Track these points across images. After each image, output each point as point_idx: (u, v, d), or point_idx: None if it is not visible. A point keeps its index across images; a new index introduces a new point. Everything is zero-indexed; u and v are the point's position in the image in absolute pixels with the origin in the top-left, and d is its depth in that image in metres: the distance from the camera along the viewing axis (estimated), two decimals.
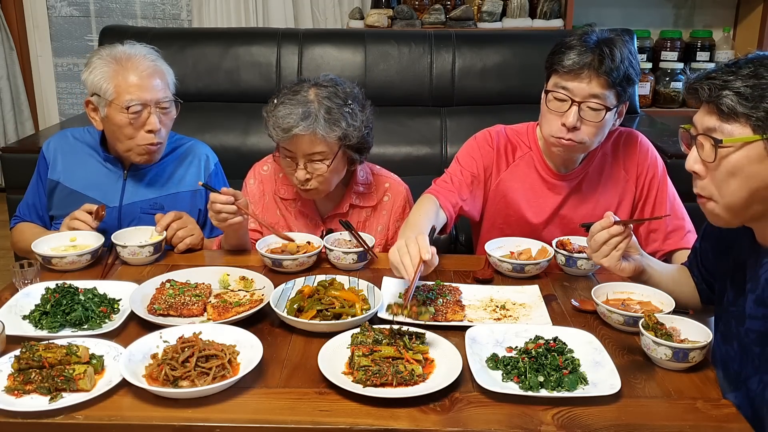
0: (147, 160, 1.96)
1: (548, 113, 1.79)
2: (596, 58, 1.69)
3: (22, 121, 4.71)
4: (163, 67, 1.97)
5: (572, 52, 1.71)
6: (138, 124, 1.89)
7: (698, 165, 1.28)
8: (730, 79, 1.21)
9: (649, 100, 3.96)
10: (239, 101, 2.85)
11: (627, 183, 1.93)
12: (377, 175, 2.04)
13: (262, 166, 2.04)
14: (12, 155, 2.62)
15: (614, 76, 1.69)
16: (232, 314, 1.45)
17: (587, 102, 1.72)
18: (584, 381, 1.24)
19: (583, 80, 1.71)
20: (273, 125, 1.80)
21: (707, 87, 1.23)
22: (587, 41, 1.72)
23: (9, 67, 4.57)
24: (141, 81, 1.88)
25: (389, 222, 1.99)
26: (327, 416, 1.15)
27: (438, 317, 1.46)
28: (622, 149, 1.93)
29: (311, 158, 1.80)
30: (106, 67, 1.88)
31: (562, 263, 1.73)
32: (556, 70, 1.75)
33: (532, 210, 1.94)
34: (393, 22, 3.88)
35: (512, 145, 1.96)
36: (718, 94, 1.21)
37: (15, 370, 1.23)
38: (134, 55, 1.91)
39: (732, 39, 4.13)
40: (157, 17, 4.63)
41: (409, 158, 2.71)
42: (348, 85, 1.87)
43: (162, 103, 1.91)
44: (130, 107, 1.86)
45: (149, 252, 1.77)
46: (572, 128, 1.74)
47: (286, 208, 1.99)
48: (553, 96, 1.76)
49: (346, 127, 1.79)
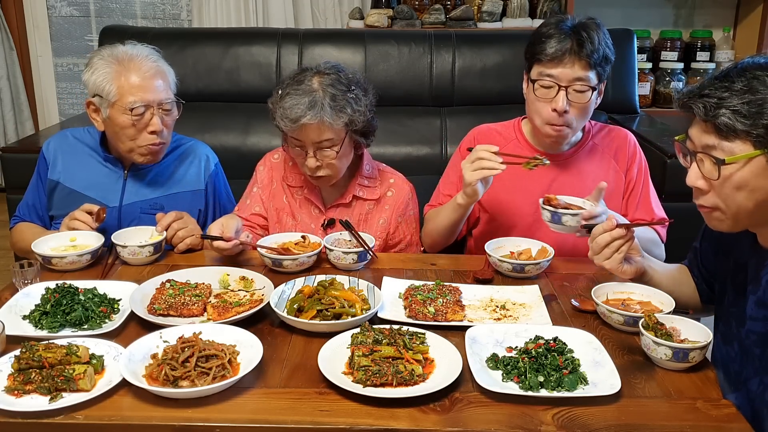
0: (150, 160, 1.96)
1: (537, 102, 1.87)
2: (575, 43, 1.79)
3: (22, 121, 4.71)
4: (165, 67, 1.97)
5: (552, 40, 1.81)
6: (141, 125, 1.89)
7: (701, 181, 1.27)
8: (725, 97, 1.19)
9: (649, 100, 3.95)
10: (239, 101, 2.85)
11: (617, 173, 1.98)
12: (383, 171, 2.07)
13: (273, 155, 2.09)
14: (12, 155, 2.62)
15: (595, 58, 1.80)
16: (232, 314, 1.45)
17: (573, 85, 1.81)
18: (584, 381, 1.24)
19: (566, 65, 1.80)
20: (281, 116, 1.83)
21: (702, 105, 1.21)
22: (563, 28, 1.82)
23: (9, 67, 4.57)
24: (143, 82, 1.88)
25: (391, 217, 2.00)
26: (327, 416, 1.15)
27: (438, 317, 1.46)
28: (613, 142, 2.01)
29: (320, 146, 1.83)
30: (108, 68, 1.88)
31: (548, 219, 1.72)
32: (539, 60, 1.84)
33: (521, 195, 1.97)
34: (393, 22, 3.88)
35: (499, 134, 2.05)
36: (714, 113, 1.20)
37: (15, 370, 1.23)
38: (136, 55, 1.91)
39: (732, 39, 4.13)
40: (157, 17, 4.63)
41: (409, 158, 2.71)
42: (350, 71, 1.92)
43: (164, 104, 1.91)
44: (134, 109, 1.86)
45: (149, 252, 1.77)
46: (563, 112, 1.82)
47: (292, 195, 2.02)
48: (540, 84, 1.84)
49: (352, 113, 1.83)
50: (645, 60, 3.97)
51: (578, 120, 1.87)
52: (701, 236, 1.57)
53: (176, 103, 1.96)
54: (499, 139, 2.03)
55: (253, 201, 2.03)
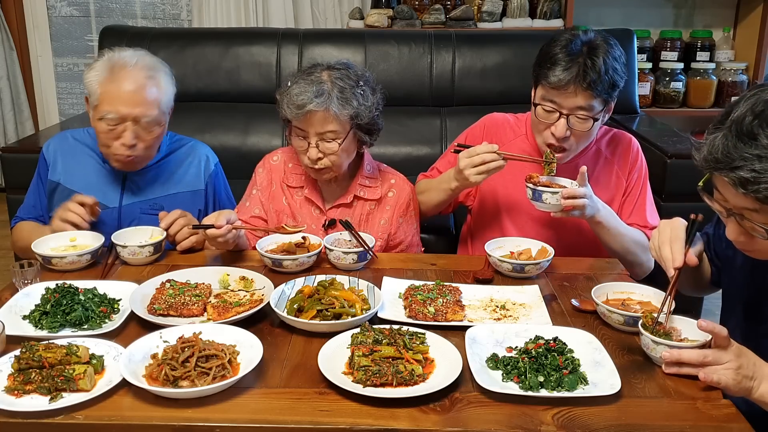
0: (124, 167, 1.95)
1: (538, 123, 1.86)
2: (581, 73, 1.74)
3: (22, 121, 4.71)
4: (160, 83, 1.90)
5: (557, 68, 1.76)
6: (113, 135, 1.86)
7: (743, 237, 1.24)
8: (759, 169, 1.11)
9: (649, 100, 3.95)
10: (239, 101, 2.85)
11: (619, 178, 1.98)
12: (384, 171, 2.07)
13: (272, 156, 2.08)
14: (12, 155, 2.62)
15: (599, 89, 1.75)
16: (232, 314, 1.45)
17: (575, 113, 1.78)
18: (584, 381, 1.24)
19: (569, 95, 1.77)
20: (287, 103, 1.84)
21: (737, 180, 1.14)
22: (572, 52, 1.76)
23: (9, 67, 4.57)
24: (123, 94, 1.83)
25: (392, 217, 1.99)
26: (327, 416, 1.15)
27: (438, 317, 1.46)
28: (617, 147, 2.00)
29: (323, 137, 1.83)
30: (100, 72, 1.86)
31: (530, 197, 1.76)
32: (543, 84, 1.81)
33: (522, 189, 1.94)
34: (393, 22, 3.88)
35: (510, 128, 2.04)
36: (755, 188, 1.13)
37: (15, 370, 1.23)
38: (130, 65, 1.86)
39: (732, 39, 4.13)
40: (157, 17, 4.63)
41: (409, 158, 2.71)
42: (360, 69, 1.93)
43: (142, 120, 1.86)
44: (105, 117, 1.84)
45: (149, 252, 1.77)
46: (561, 138, 1.81)
47: (292, 196, 2.01)
48: (542, 108, 1.82)
49: (358, 107, 1.83)
50: (645, 60, 3.97)
51: (578, 144, 1.86)
52: (714, 223, 1.56)
53: (161, 121, 1.90)
54: (508, 132, 2.03)
55: (252, 203, 2.03)
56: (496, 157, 1.76)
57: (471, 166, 1.77)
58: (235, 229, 1.75)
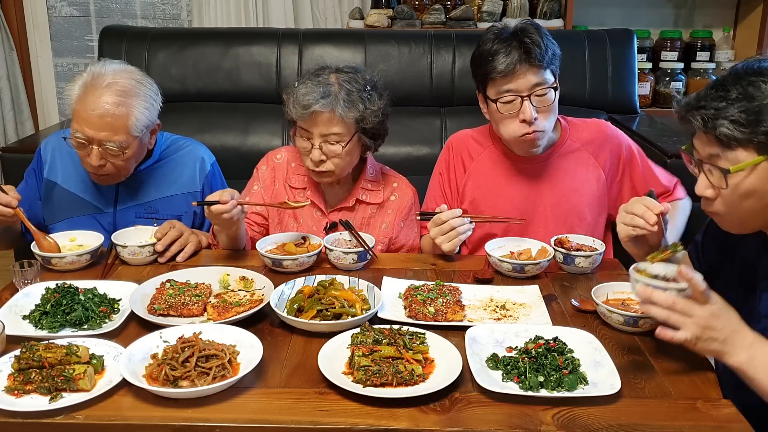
0: (101, 182, 1.94)
1: (504, 119, 1.85)
2: (522, 52, 1.77)
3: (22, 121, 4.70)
4: (132, 109, 1.81)
5: (499, 56, 1.79)
6: (83, 153, 1.85)
7: (710, 190, 1.28)
8: (721, 107, 1.20)
9: (648, 100, 3.95)
10: (239, 101, 2.85)
11: (595, 168, 1.97)
12: (386, 174, 2.06)
13: (275, 154, 2.07)
14: (12, 155, 2.61)
15: (546, 60, 1.79)
16: (232, 314, 1.45)
17: (534, 92, 1.80)
18: (584, 381, 1.24)
19: (520, 76, 1.79)
20: (293, 103, 1.83)
21: (700, 118, 1.22)
22: (505, 39, 1.80)
23: (9, 67, 4.56)
24: (90, 117, 1.78)
25: (394, 221, 1.99)
26: (327, 416, 1.15)
27: (438, 317, 1.46)
28: (589, 137, 2.00)
29: (327, 139, 1.83)
30: (76, 88, 1.83)
31: (560, 261, 1.74)
32: (492, 78, 1.82)
33: (503, 201, 1.97)
34: (393, 22, 3.88)
35: (475, 142, 2.04)
36: (713, 124, 1.20)
37: (15, 370, 1.23)
38: (102, 86, 1.79)
39: (732, 39, 4.13)
40: (157, 17, 4.63)
41: (409, 158, 2.71)
42: (368, 73, 1.93)
43: (107, 144, 1.80)
44: (75, 135, 1.82)
45: (149, 252, 1.77)
46: (533, 120, 1.80)
47: (294, 197, 2.01)
48: (501, 102, 1.82)
49: (364, 110, 1.83)
50: (645, 60, 3.97)
51: (548, 121, 1.86)
52: (704, 231, 1.57)
53: (129, 145, 1.83)
54: (475, 146, 2.04)
55: (253, 199, 2.02)
56: (464, 221, 1.75)
57: (441, 234, 1.76)
58: (240, 204, 1.74)
